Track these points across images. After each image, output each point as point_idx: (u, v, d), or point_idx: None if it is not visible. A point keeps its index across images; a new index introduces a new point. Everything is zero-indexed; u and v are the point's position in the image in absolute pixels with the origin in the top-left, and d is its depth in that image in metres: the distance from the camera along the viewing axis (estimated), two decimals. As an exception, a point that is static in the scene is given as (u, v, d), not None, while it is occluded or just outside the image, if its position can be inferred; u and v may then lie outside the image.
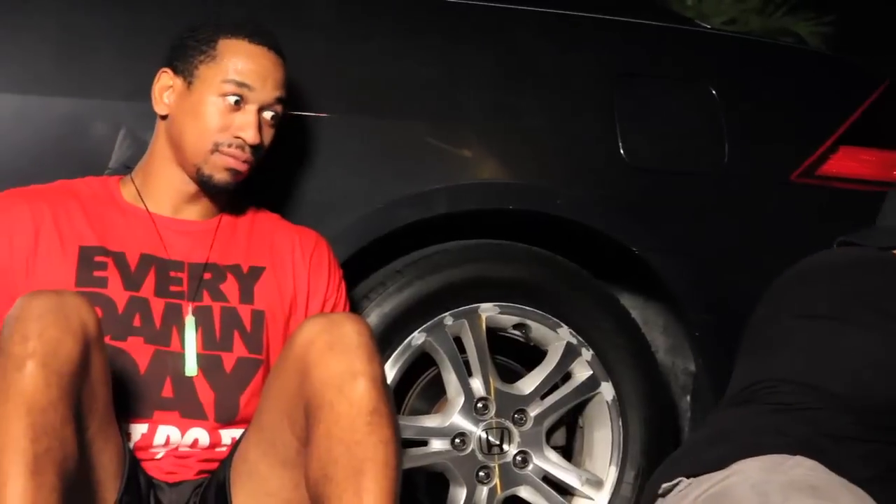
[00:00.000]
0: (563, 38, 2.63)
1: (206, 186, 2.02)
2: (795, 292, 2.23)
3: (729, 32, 3.41)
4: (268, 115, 2.02)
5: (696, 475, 2.02)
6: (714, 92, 2.70)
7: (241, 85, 1.98)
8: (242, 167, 2.01)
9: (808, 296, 2.19)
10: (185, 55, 2.02)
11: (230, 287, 2.03)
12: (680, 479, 2.04)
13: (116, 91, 2.19)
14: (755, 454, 1.96)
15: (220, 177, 2.00)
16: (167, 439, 1.92)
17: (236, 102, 1.98)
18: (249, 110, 1.99)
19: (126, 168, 2.12)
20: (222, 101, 1.98)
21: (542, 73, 2.57)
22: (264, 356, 2.01)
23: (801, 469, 1.92)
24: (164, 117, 2.05)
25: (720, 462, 1.99)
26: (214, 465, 1.95)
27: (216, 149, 1.98)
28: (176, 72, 2.03)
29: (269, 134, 2.04)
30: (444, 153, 2.44)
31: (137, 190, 2.06)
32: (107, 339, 1.78)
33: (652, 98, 2.66)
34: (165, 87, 2.04)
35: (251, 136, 1.98)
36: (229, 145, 1.98)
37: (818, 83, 2.91)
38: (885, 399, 2.02)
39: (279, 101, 2.03)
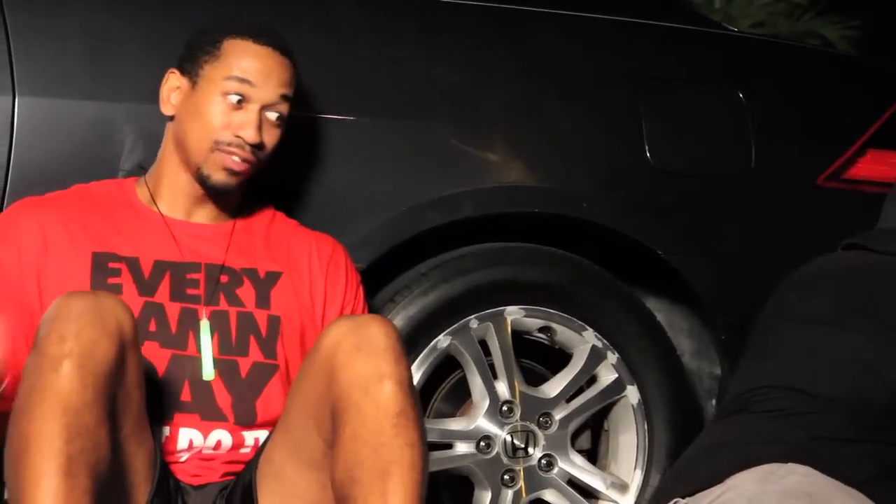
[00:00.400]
0: (589, 41, 2.63)
1: (205, 187, 2.01)
2: (792, 298, 2.23)
3: (756, 35, 3.41)
4: (272, 115, 2.01)
5: (691, 494, 2.01)
6: (741, 95, 2.69)
7: (242, 81, 1.97)
8: (241, 167, 1.98)
9: (803, 301, 2.19)
10: (191, 56, 2.03)
11: (246, 291, 2.03)
12: (676, 500, 2.03)
13: (143, 94, 2.19)
14: (748, 466, 1.95)
15: (218, 177, 1.99)
16: (190, 442, 1.92)
17: (239, 101, 1.97)
18: (251, 109, 1.98)
19: (140, 169, 2.13)
20: (224, 99, 1.97)
21: (569, 76, 2.57)
22: (280, 361, 2.01)
23: (795, 476, 1.91)
24: (171, 118, 2.05)
25: (715, 477, 1.97)
26: (239, 468, 1.95)
27: (216, 147, 1.97)
28: (183, 72, 2.03)
29: (273, 134, 2.02)
30: (469, 156, 2.44)
31: (151, 192, 2.06)
32: None
33: (679, 101, 2.65)
34: (173, 89, 2.04)
35: (251, 134, 1.96)
36: (229, 144, 1.97)
37: (846, 86, 2.90)
38: (875, 399, 2.01)
39: (284, 99, 2.01)
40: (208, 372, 1.94)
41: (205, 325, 1.97)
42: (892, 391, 2.01)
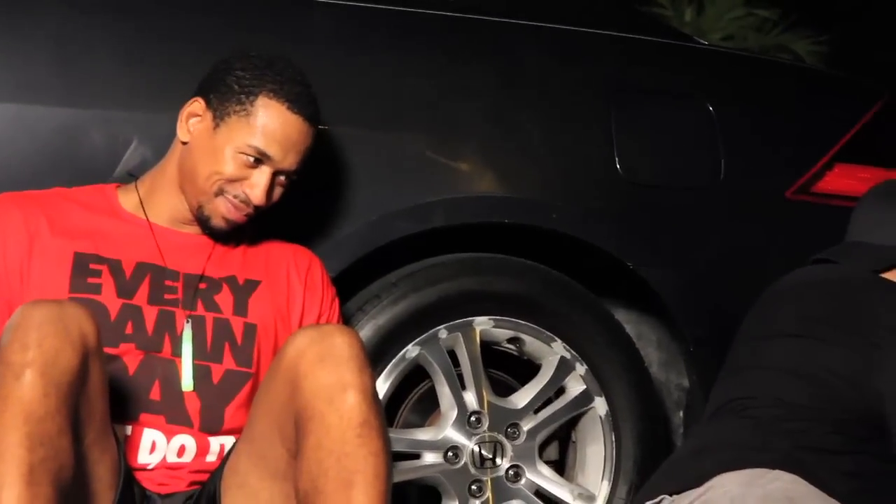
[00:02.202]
0: (562, 53, 2.64)
1: (201, 224, 2.03)
2: (765, 312, 2.27)
3: (726, 49, 3.42)
4: (282, 177, 2.03)
5: (678, 492, 2.03)
6: (711, 108, 2.70)
7: (262, 153, 1.97)
8: (241, 220, 2.02)
9: (774, 315, 2.23)
10: (222, 93, 2.00)
11: (224, 298, 2.03)
12: (663, 497, 2.05)
13: (115, 101, 2.18)
14: (735, 468, 1.98)
15: (217, 223, 2.01)
16: (153, 444, 1.92)
17: (255, 161, 1.98)
18: (264, 171, 1.99)
19: (130, 176, 2.12)
20: (241, 156, 1.98)
21: (541, 88, 2.57)
22: (254, 369, 2.01)
23: (780, 483, 1.94)
24: (183, 143, 2.04)
25: (701, 478, 2.00)
26: (206, 477, 1.95)
27: (222, 192, 1.99)
28: (208, 105, 2.01)
29: (277, 192, 2.04)
30: (441, 166, 2.44)
31: (140, 199, 2.05)
32: None
33: (649, 113, 2.66)
34: (193, 115, 2.02)
35: (258, 196, 1.98)
36: (235, 196, 1.99)
37: (815, 100, 2.92)
38: (854, 410, 2.03)
39: (297, 169, 2.03)
40: (187, 383, 1.94)
41: (187, 334, 1.97)
42: (868, 402, 2.03)
